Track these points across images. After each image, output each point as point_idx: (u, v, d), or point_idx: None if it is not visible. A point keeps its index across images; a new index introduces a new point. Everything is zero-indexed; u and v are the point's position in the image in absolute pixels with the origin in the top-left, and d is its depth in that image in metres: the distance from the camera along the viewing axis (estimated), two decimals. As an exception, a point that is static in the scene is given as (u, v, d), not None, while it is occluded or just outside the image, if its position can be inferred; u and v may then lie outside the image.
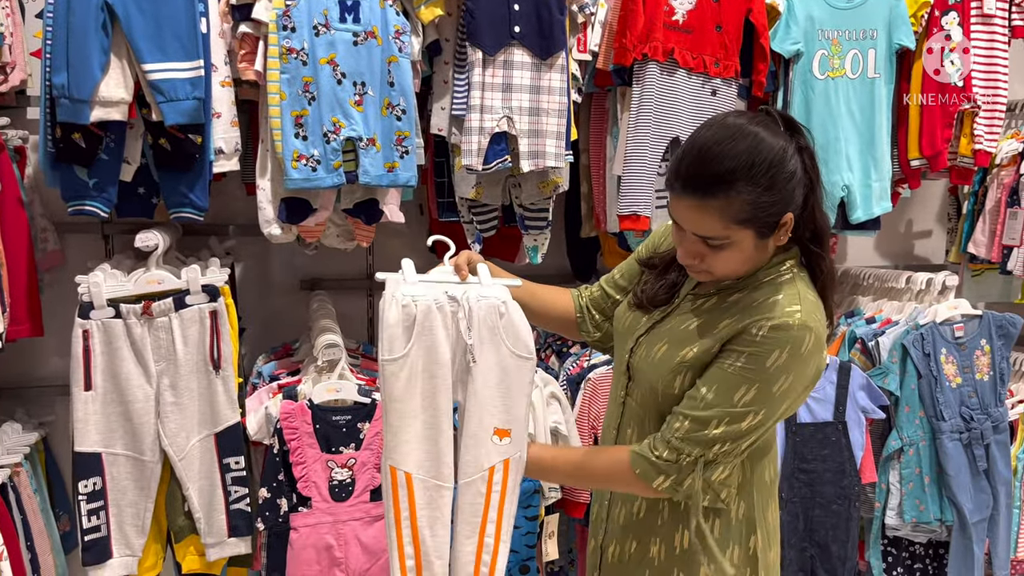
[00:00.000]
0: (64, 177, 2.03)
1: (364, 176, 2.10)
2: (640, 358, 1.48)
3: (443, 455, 1.44)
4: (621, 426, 1.54)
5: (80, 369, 2.02)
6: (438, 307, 1.42)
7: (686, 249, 1.37)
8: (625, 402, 1.53)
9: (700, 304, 1.45)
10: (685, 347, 1.41)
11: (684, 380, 1.41)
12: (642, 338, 1.49)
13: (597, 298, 1.68)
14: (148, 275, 2.06)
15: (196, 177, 2.07)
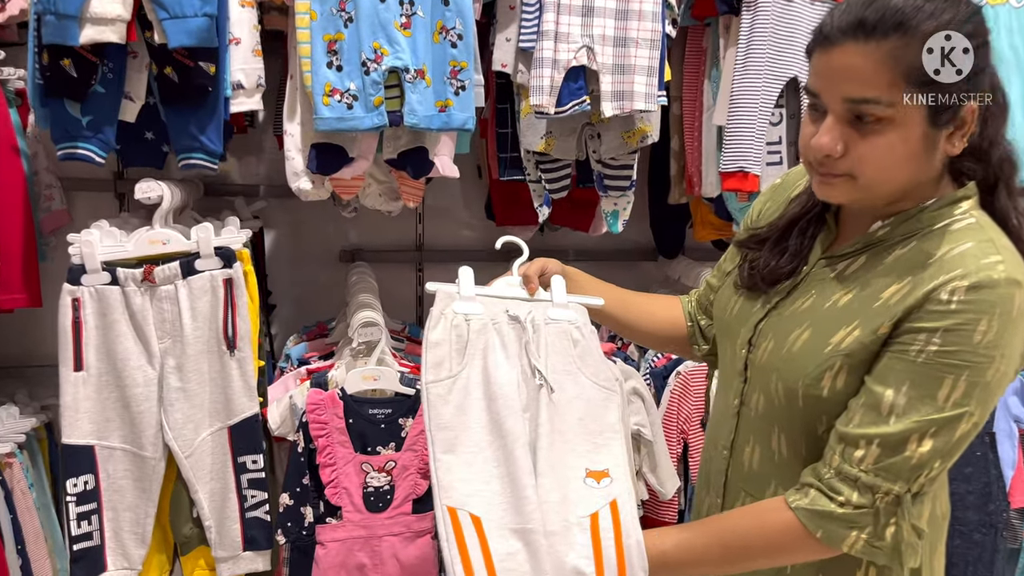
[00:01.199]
0: (54, 114, 1.70)
1: (410, 116, 1.71)
2: (765, 353, 1.11)
3: (524, 491, 1.08)
4: (736, 445, 1.17)
5: (69, 345, 1.69)
6: (495, 325, 1.16)
7: (827, 132, 0.98)
8: (740, 413, 1.16)
9: (843, 269, 1.08)
10: (838, 330, 1.03)
11: (837, 377, 1.03)
12: (763, 326, 1.13)
13: (702, 298, 1.35)
14: (151, 234, 1.71)
15: (208, 115, 1.71)
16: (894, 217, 1.04)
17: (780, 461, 1.10)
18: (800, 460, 1.07)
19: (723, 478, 1.17)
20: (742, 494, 1.14)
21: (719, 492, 1.18)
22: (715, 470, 1.19)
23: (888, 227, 1.04)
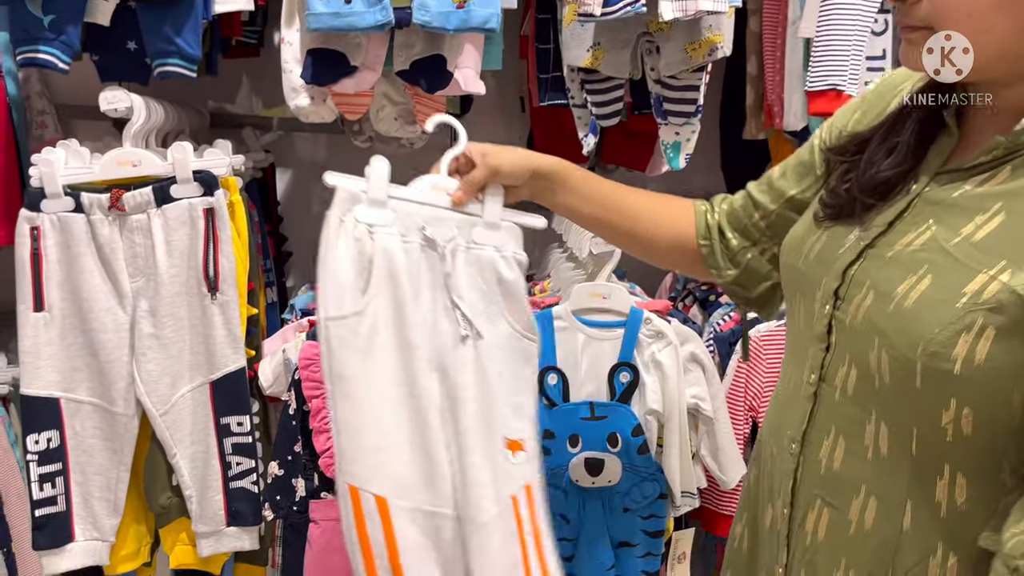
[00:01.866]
0: (13, 13, 1.46)
1: (421, 12, 1.41)
2: (860, 310, 0.80)
3: (438, 466, 0.92)
4: (809, 436, 0.87)
5: (28, 281, 1.47)
6: (406, 244, 0.95)
7: None
8: (819, 393, 0.86)
9: (974, 187, 0.78)
10: (976, 275, 0.73)
11: (977, 344, 0.71)
12: (855, 272, 0.83)
13: (738, 211, 1.07)
14: (119, 153, 1.46)
15: (184, 14, 1.45)
16: None
17: (876, 461, 0.80)
18: (908, 461, 0.78)
19: (791, 481, 0.87)
20: (817, 502, 0.84)
21: (786, 501, 0.88)
22: (779, 471, 0.90)
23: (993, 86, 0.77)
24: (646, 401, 1.58)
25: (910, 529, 0.78)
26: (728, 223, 1.07)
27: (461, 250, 0.96)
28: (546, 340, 1.59)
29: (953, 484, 0.76)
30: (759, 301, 1.08)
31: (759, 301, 1.08)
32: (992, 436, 0.73)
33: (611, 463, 1.55)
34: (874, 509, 0.81)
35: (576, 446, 1.57)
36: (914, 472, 0.78)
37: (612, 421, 1.57)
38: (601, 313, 1.60)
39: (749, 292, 1.07)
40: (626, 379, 1.58)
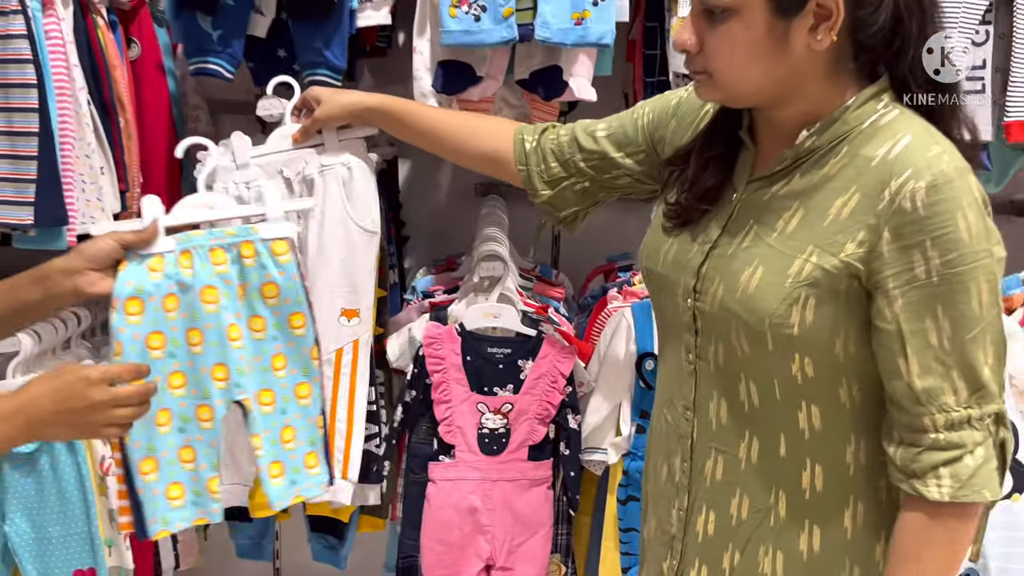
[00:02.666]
0: (187, 28, 1.69)
1: (543, 29, 1.56)
2: (715, 299, 1.04)
3: None
4: (697, 403, 1.09)
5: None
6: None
7: (683, 31, 1.00)
8: (697, 369, 1.08)
9: (777, 190, 1.02)
10: (794, 260, 0.98)
11: (805, 310, 0.97)
12: (706, 269, 1.06)
13: (563, 145, 1.30)
14: (282, 129, 1.64)
15: (333, 29, 1.64)
16: (818, 124, 0.98)
17: (752, 410, 1.04)
18: (775, 404, 1.02)
19: (689, 440, 1.10)
20: (712, 452, 1.07)
21: (685, 456, 1.10)
22: (678, 434, 1.11)
23: (815, 135, 0.98)
24: (737, 388, 1.70)
25: (786, 454, 1.02)
26: (552, 152, 1.30)
27: (316, 174, 1.33)
28: (645, 328, 1.73)
29: (810, 413, 1.01)
30: (567, 221, 1.37)
31: (567, 221, 1.37)
32: (828, 373, 0.99)
33: (702, 443, 1.69)
34: (757, 447, 1.04)
35: (670, 426, 1.71)
36: (780, 412, 1.02)
37: (704, 405, 1.71)
38: (698, 305, 1.72)
39: (559, 212, 1.34)
40: (719, 367, 1.70)
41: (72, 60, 1.64)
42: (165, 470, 1.19)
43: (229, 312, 1.17)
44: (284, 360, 1.22)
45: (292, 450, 1.25)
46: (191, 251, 1.15)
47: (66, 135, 1.63)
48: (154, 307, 1.13)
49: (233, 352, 1.18)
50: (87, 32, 1.72)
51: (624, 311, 1.74)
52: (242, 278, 1.17)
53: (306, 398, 1.25)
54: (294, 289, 1.19)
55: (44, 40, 1.60)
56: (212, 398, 1.19)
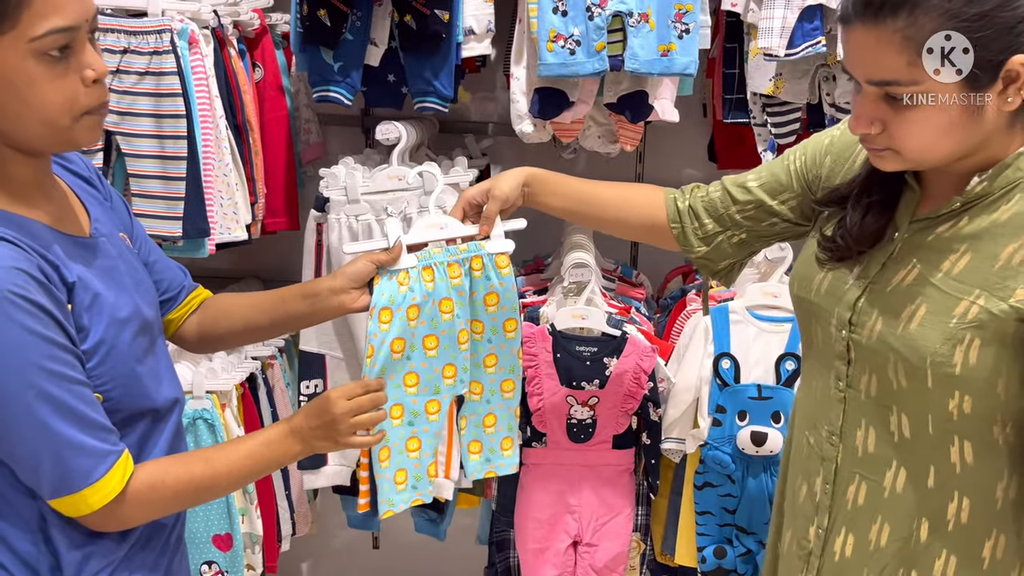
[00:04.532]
0: (311, 60, 1.89)
1: (632, 61, 1.71)
2: (874, 333, 1.05)
3: None
4: (844, 429, 1.11)
5: (312, 264, 1.91)
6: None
7: (861, 112, 0.97)
8: (847, 397, 1.10)
9: (943, 231, 1.02)
10: (960, 301, 0.98)
11: (969, 352, 0.97)
12: (862, 304, 1.07)
13: (715, 201, 1.29)
14: (389, 171, 1.87)
15: (441, 61, 1.82)
16: (991, 171, 0.98)
17: (901, 441, 1.05)
18: (927, 437, 1.03)
19: (833, 465, 1.12)
20: (856, 478, 1.10)
21: (827, 479, 1.13)
22: (820, 457, 1.14)
23: (987, 180, 0.98)
24: (807, 386, 1.84)
25: (933, 486, 1.04)
26: (704, 210, 1.29)
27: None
28: (722, 330, 1.88)
29: (962, 448, 1.01)
30: (722, 273, 1.34)
31: (722, 273, 1.34)
32: (986, 412, 0.99)
33: (773, 436, 1.83)
34: (903, 477, 1.05)
35: (744, 420, 1.86)
36: (932, 445, 1.03)
37: (776, 401, 1.85)
38: (772, 309, 1.87)
39: (715, 265, 1.32)
40: (791, 367, 1.85)
41: (213, 91, 1.87)
42: (395, 458, 1.36)
43: (461, 320, 1.34)
44: (495, 359, 1.40)
45: (492, 434, 1.44)
46: (432, 267, 1.31)
47: (209, 158, 1.86)
48: (400, 316, 1.29)
49: (461, 354, 1.36)
50: (224, 64, 1.94)
51: (702, 315, 1.89)
52: (471, 288, 1.34)
53: (510, 392, 1.43)
54: (511, 298, 1.35)
55: (191, 75, 1.83)
56: (441, 394, 1.37)
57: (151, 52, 1.76)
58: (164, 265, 1.25)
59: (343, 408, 1.16)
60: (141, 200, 1.82)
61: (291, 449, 1.16)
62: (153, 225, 1.82)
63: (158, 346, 1.14)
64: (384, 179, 1.85)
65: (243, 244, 1.99)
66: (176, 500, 1.08)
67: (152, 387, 1.08)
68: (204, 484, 1.08)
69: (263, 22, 2.12)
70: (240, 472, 1.11)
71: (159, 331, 1.16)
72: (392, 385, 1.31)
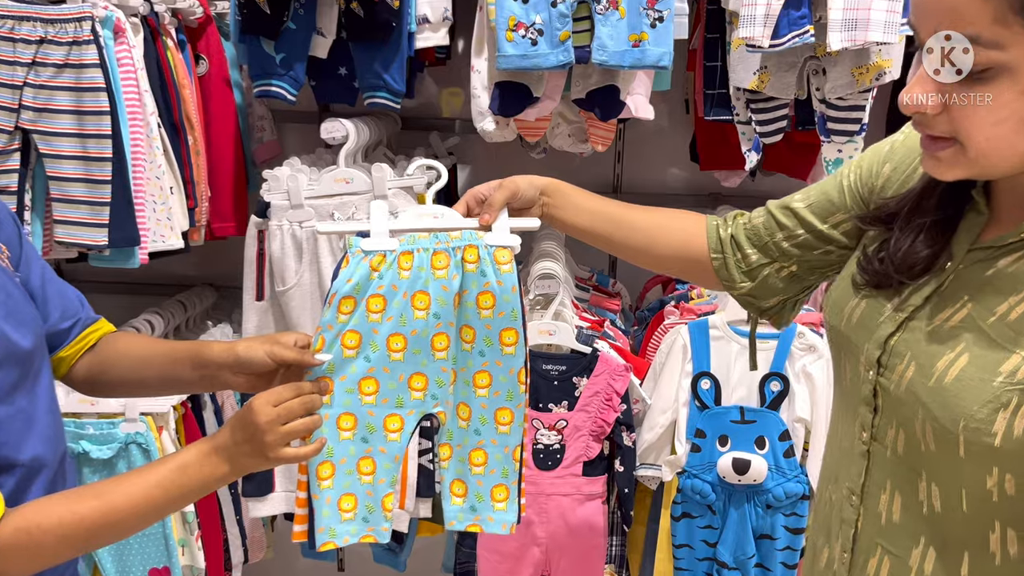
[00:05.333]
0: (251, 52, 1.73)
1: (600, 53, 1.55)
2: (903, 381, 0.85)
3: None
4: (867, 489, 0.91)
5: (253, 275, 1.75)
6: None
7: (915, 86, 0.77)
8: (872, 451, 0.90)
9: (1007, 265, 0.81)
10: (1011, 355, 0.77)
11: (1016, 418, 0.76)
12: (895, 343, 0.87)
13: (759, 229, 1.07)
14: (336, 173, 1.70)
15: (392, 52, 1.66)
16: None
17: (931, 515, 0.85)
18: (961, 515, 0.83)
19: (852, 530, 0.93)
20: (879, 550, 0.90)
21: (846, 546, 0.94)
22: (840, 518, 0.95)
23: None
24: (795, 409, 1.69)
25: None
26: (747, 239, 1.08)
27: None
28: (702, 347, 1.72)
29: (1005, 537, 0.81)
30: (772, 312, 1.11)
31: (772, 312, 1.11)
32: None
33: (757, 463, 1.68)
34: (933, 559, 0.85)
35: (725, 446, 1.71)
36: (967, 525, 0.82)
37: (760, 425, 1.69)
38: (755, 325, 1.71)
39: (762, 303, 1.09)
40: (776, 388, 1.69)
41: (143, 86, 1.70)
42: (341, 479, 1.11)
43: (440, 321, 1.08)
44: (488, 379, 1.12)
45: (479, 475, 1.15)
46: (413, 253, 1.06)
47: (138, 159, 1.69)
48: (362, 307, 1.05)
49: (436, 363, 1.10)
50: (157, 56, 1.77)
51: (680, 329, 1.74)
52: (461, 285, 1.08)
53: (506, 425, 1.13)
54: (511, 303, 1.08)
55: (116, 68, 1.66)
56: (404, 408, 1.11)
57: (70, 42, 1.60)
58: (56, 291, 1.08)
59: (269, 415, 0.98)
60: (63, 206, 1.66)
61: (216, 471, 0.98)
62: (77, 233, 1.66)
63: (39, 385, 0.98)
64: (330, 182, 1.69)
65: (179, 253, 1.82)
66: (65, 545, 0.92)
67: (15, 435, 0.92)
68: (99, 524, 0.92)
69: (207, 10, 1.95)
70: (149, 505, 0.95)
71: (41, 368, 1.00)
72: (343, 389, 1.07)
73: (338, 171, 1.70)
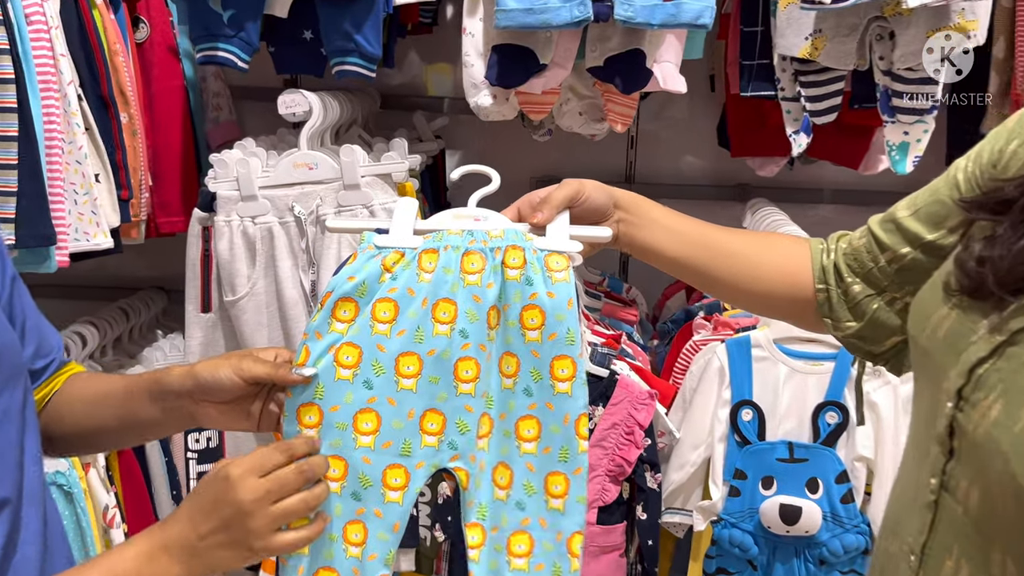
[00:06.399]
0: (192, 7, 1.41)
1: (623, 8, 1.24)
2: (986, 420, 0.66)
3: None
4: (928, 549, 0.72)
5: (197, 282, 1.45)
6: None
7: None
8: (940, 502, 0.72)
9: None
10: None
11: None
12: (985, 372, 0.68)
13: (860, 252, 0.88)
14: (296, 156, 1.39)
15: (365, 9, 1.35)
16: None
17: None
18: None
19: None
20: None
21: None
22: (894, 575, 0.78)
23: None
24: (855, 446, 1.40)
25: None
26: (847, 266, 0.89)
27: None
28: (742, 370, 1.43)
29: None
30: (888, 357, 0.91)
31: (888, 357, 0.91)
32: None
33: (809, 511, 1.39)
34: None
35: (770, 489, 1.42)
36: None
37: (813, 464, 1.41)
38: (808, 343, 1.42)
39: (875, 347, 0.90)
40: (833, 420, 1.40)
41: (59, 49, 1.39)
42: (322, 546, 0.84)
43: (468, 341, 0.83)
44: (536, 428, 0.84)
45: (522, 572, 0.86)
46: (438, 251, 0.83)
47: (53, 139, 1.38)
48: (365, 314, 0.82)
49: (458, 399, 0.84)
50: (80, 14, 1.46)
51: (716, 348, 1.44)
52: (500, 297, 0.83)
53: (559, 498, 0.84)
54: (565, 322, 0.82)
55: (25, 25, 1.35)
56: (412, 457, 0.83)
57: (-39, -8, 1.28)
58: (34, 324, 0.86)
59: (255, 491, 0.73)
60: (-42, 196, 1.34)
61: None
62: (-23, 230, 1.34)
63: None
64: (289, 167, 1.38)
65: (109, 254, 1.51)
66: None
67: None
68: None
69: (147, -36, 1.64)
70: None
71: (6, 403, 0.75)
72: (332, 424, 0.82)
73: (299, 154, 1.39)
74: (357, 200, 1.33)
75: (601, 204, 0.88)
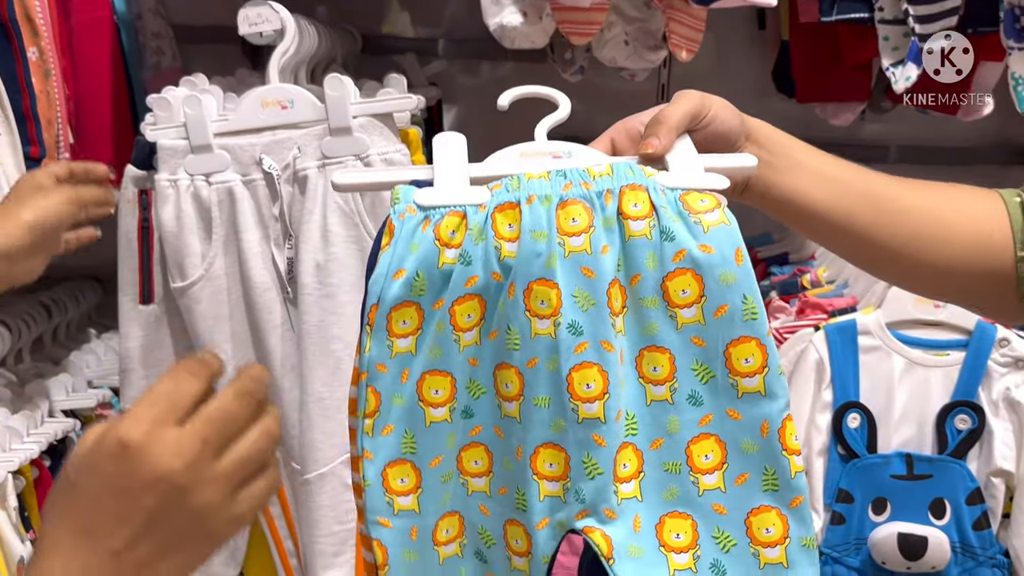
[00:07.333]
0: None
1: None
2: None
3: None
4: None
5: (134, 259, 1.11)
6: None
7: None
8: None
9: None
10: None
11: None
12: None
13: None
14: (264, 91, 1.05)
15: None
16: None
17: None
18: None
19: None
20: None
21: None
22: None
23: None
24: (993, 457, 1.13)
25: None
26: None
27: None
28: (847, 364, 1.13)
29: None
30: None
31: None
32: None
33: (936, 541, 1.12)
34: None
35: (883, 514, 1.14)
36: None
37: (939, 482, 1.14)
38: (930, 328, 1.13)
39: None
40: (965, 425, 1.12)
41: (-69, -54, 1.03)
42: None
43: (584, 339, 0.57)
44: (719, 450, 0.59)
45: None
46: (519, 205, 0.57)
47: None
48: (440, 320, 0.58)
49: (581, 426, 0.58)
50: (-37, -95, 1.11)
51: (812, 337, 1.15)
52: (625, 266, 0.58)
53: (777, 545, 0.59)
54: (737, 286, 0.56)
55: None
56: (529, 513, 0.59)
57: None
58: None
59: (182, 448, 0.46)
60: None
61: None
62: None
63: None
64: (254, 107, 1.03)
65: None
66: None
67: None
68: None
69: None
70: None
71: None
72: (437, 478, 0.61)
73: (268, 88, 1.04)
74: (348, 149, 1.00)
75: (731, 129, 0.65)
